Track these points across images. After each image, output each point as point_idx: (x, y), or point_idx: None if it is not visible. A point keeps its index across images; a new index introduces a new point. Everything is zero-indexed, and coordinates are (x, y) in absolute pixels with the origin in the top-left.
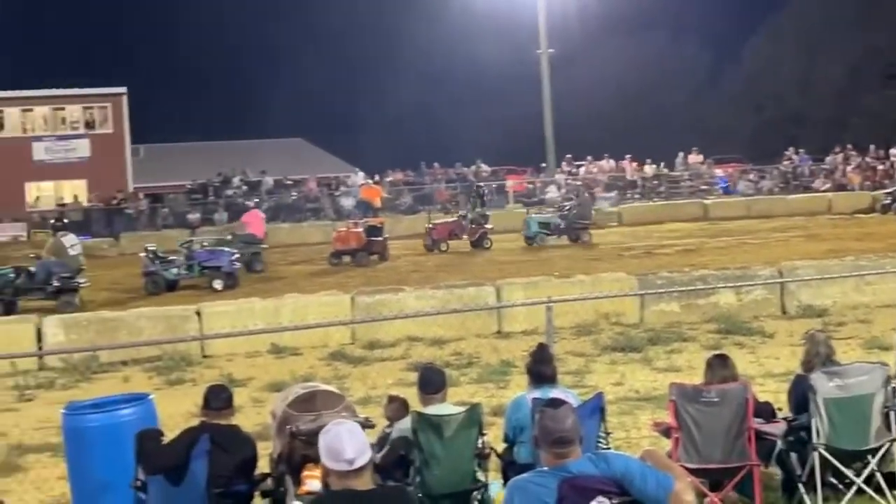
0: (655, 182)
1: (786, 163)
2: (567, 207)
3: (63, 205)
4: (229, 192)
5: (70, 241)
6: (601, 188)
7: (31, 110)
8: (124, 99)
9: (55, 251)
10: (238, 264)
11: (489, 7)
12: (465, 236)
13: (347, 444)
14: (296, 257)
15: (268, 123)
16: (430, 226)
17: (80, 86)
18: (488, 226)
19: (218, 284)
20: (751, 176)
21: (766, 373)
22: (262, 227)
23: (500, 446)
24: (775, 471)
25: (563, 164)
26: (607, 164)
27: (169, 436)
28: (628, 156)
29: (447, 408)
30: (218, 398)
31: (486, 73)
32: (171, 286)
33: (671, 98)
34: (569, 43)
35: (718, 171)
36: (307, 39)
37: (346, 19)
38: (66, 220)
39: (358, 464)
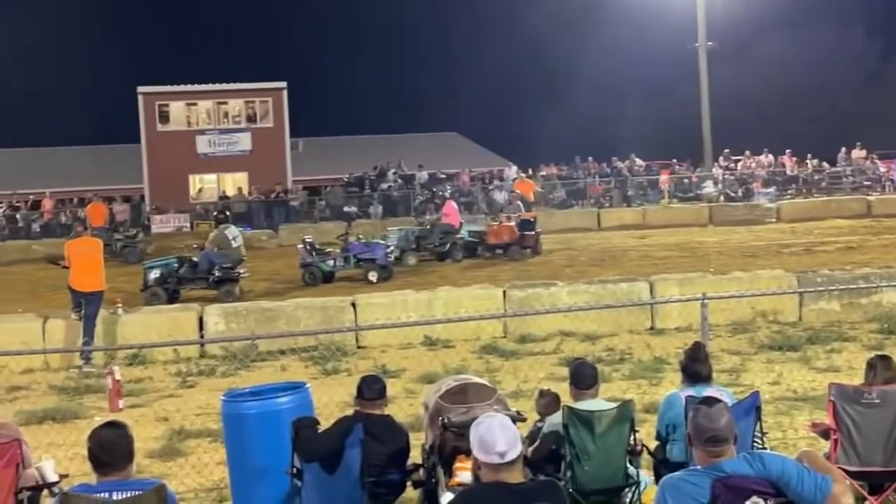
0: (817, 177)
1: None
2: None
3: (225, 197)
4: (385, 185)
5: (232, 232)
6: (759, 183)
7: (195, 104)
8: (284, 94)
9: (218, 242)
10: (392, 257)
11: (646, 1)
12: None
13: (500, 437)
14: None
15: (423, 118)
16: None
17: (241, 80)
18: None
19: (373, 276)
20: None
21: None
22: (457, 218)
23: (653, 443)
24: None
25: (721, 158)
26: (766, 158)
27: (324, 424)
28: (788, 150)
29: (599, 403)
30: (372, 388)
31: (642, 67)
32: (328, 278)
33: (834, 91)
34: (729, 36)
35: (882, 167)
36: (462, 36)
37: (502, 16)
38: (228, 213)
39: (509, 457)
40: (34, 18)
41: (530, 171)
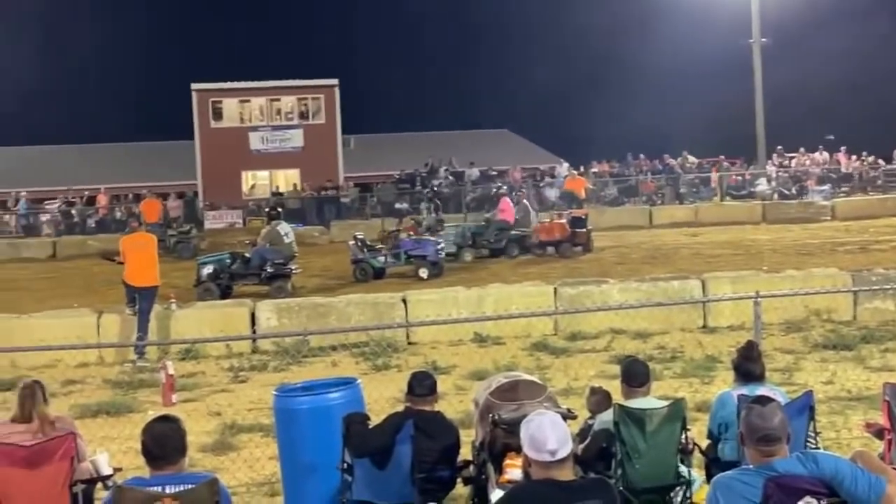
0: (872, 175)
1: None
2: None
3: (278, 193)
4: (436, 182)
5: (284, 229)
6: (814, 181)
7: (248, 101)
8: (336, 90)
9: (270, 238)
10: (443, 254)
11: None
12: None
13: (550, 435)
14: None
15: (475, 115)
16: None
17: (294, 78)
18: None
19: (423, 273)
20: None
21: None
22: (513, 214)
23: (704, 442)
24: None
25: (774, 156)
26: (821, 156)
27: (374, 420)
28: (843, 147)
29: (650, 401)
30: (422, 385)
31: (695, 63)
32: (379, 274)
33: (891, 87)
34: (783, 32)
35: None
36: (513, 32)
37: (554, 13)
38: (280, 209)
39: (560, 455)
40: (90, 17)
41: (582, 168)
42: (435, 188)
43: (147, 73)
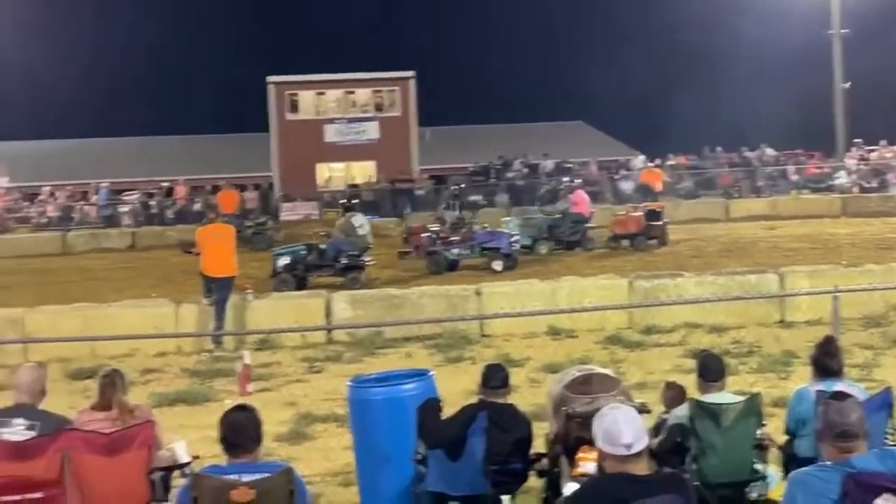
0: None
1: None
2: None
3: (354, 185)
4: (510, 174)
5: (358, 220)
6: (895, 174)
7: (323, 94)
8: (412, 83)
9: (345, 230)
10: (517, 246)
11: None
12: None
13: (625, 429)
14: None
15: (550, 107)
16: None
17: (370, 70)
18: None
19: (497, 265)
20: None
21: None
22: (587, 206)
23: (781, 438)
24: None
25: (853, 148)
26: None
27: (448, 412)
28: None
29: (726, 396)
30: (495, 377)
31: (774, 54)
32: (452, 266)
33: None
34: (863, 23)
35: None
36: (589, 24)
37: (629, 4)
38: (355, 201)
39: (635, 449)
40: (167, 9)
41: (658, 161)
42: (457, 190)
43: (225, 66)
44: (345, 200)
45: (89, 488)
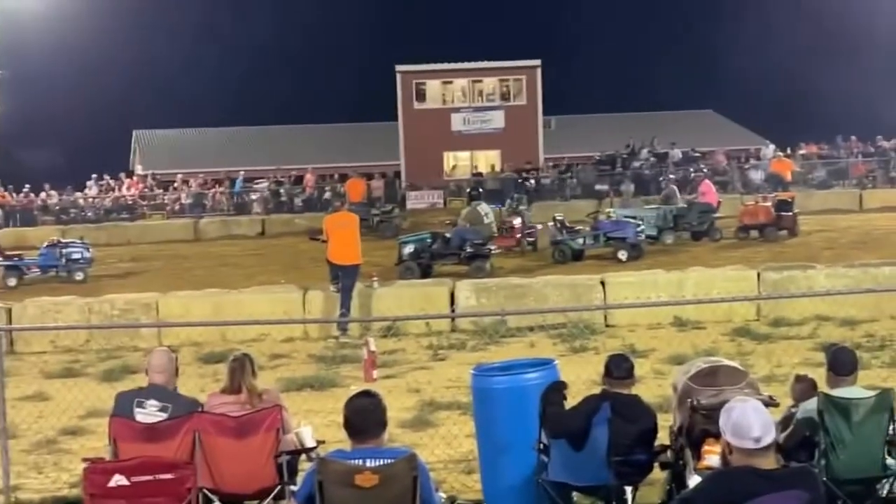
0: None
1: None
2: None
3: (478, 174)
4: (637, 163)
5: (484, 209)
6: None
7: (450, 83)
8: (538, 71)
9: (471, 219)
10: (643, 235)
11: None
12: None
13: (754, 422)
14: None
15: (678, 95)
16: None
17: (496, 59)
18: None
19: (622, 255)
20: None
21: None
22: (715, 196)
23: None
24: None
25: None
26: None
27: (571, 402)
28: None
29: (857, 391)
30: (620, 367)
31: None
32: (578, 255)
33: None
34: None
35: None
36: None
37: None
38: (481, 190)
39: (764, 442)
40: (299, 1)
41: (788, 150)
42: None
43: (354, 55)
44: (470, 189)
45: (218, 470)
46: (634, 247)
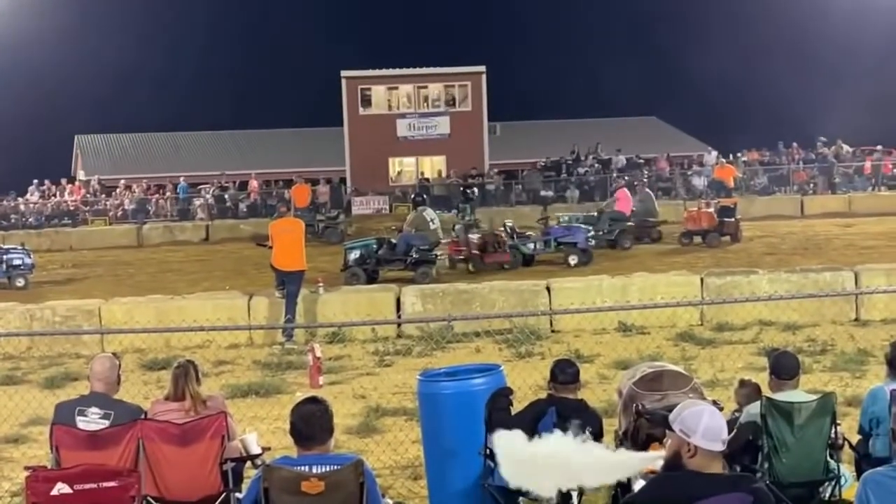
0: None
1: None
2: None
3: (424, 180)
4: (581, 169)
5: (430, 215)
6: None
7: (395, 88)
8: (483, 78)
9: (416, 224)
10: (592, 242)
11: None
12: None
13: (723, 425)
14: None
15: (622, 102)
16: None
17: (441, 65)
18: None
19: (573, 260)
20: None
21: None
22: (629, 205)
23: (855, 438)
24: None
25: None
26: None
27: (517, 407)
28: None
29: (799, 395)
30: (565, 372)
31: (851, 48)
32: (528, 261)
33: None
34: None
35: None
36: (661, 19)
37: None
38: (426, 196)
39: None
40: (242, 6)
41: (731, 157)
42: (471, 194)
43: (299, 61)
44: (415, 195)
45: (163, 478)
46: (584, 252)
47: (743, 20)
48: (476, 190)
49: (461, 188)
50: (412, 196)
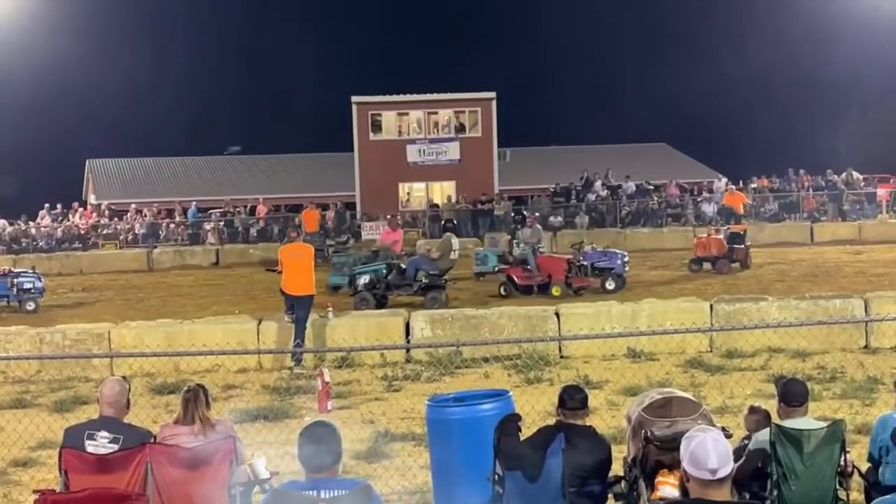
0: None
1: None
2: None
3: (434, 205)
4: (591, 195)
5: (455, 244)
6: None
7: (406, 114)
8: (493, 104)
9: (443, 249)
10: (628, 267)
11: (868, 8)
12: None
13: (712, 453)
14: (654, 262)
15: (632, 129)
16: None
17: (451, 91)
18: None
19: (610, 285)
20: None
21: None
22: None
23: (864, 465)
24: None
25: None
26: None
27: (526, 433)
28: None
29: (809, 422)
30: (574, 398)
31: (862, 76)
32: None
33: None
34: None
35: None
36: (673, 46)
37: (711, 26)
38: (454, 222)
39: (720, 474)
40: (254, 33)
41: (741, 183)
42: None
43: (310, 86)
44: (445, 221)
45: (171, 501)
46: (620, 277)
47: (754, 47)
48: (537, 214)
49: (513, 214)
50: (443, 223)
